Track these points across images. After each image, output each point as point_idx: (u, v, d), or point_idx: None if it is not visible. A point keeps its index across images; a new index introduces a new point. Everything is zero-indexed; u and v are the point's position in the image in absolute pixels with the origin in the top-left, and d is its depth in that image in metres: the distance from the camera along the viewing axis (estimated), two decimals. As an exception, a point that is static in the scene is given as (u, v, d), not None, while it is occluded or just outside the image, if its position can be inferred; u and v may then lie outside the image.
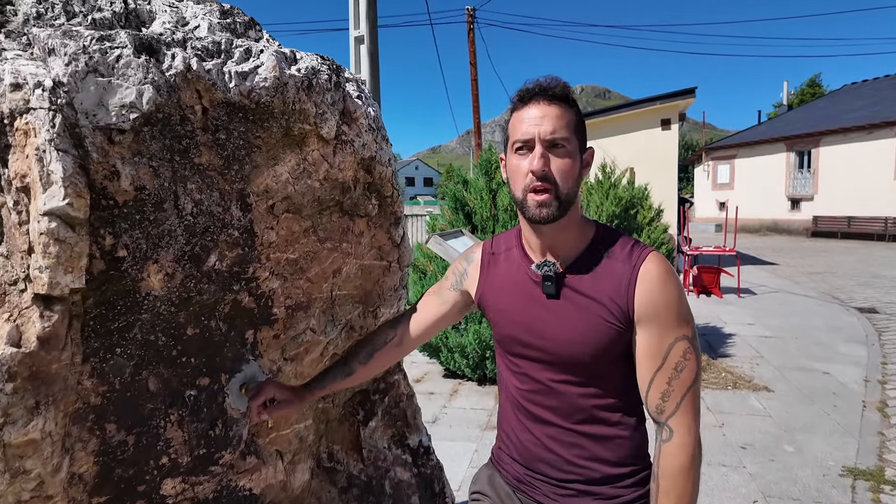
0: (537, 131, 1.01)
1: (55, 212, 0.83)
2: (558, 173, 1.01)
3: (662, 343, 1.00)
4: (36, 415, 0.86)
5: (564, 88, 1.03)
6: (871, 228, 18.33)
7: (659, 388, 1.00)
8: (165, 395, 1.08)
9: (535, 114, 1.02)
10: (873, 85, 23.32)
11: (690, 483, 0.98)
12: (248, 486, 1.27)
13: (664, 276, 1.01)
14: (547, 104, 1.02)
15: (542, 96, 1.03)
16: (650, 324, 1.00)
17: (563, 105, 1.03)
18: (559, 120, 1.01)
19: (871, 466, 3.16)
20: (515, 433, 1.17)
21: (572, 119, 1.03)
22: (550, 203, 1.01)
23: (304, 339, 1.35)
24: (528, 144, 1.02)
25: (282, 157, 1.15)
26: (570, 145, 1.02)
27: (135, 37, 0.95)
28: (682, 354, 1.00)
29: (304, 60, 1.16)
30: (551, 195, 1.01)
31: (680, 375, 0.99)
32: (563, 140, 1.01)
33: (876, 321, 6.81)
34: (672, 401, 0.99)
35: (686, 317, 1.01)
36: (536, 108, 1.02)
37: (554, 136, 1.00)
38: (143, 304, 1.01)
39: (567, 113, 1.02)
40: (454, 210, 4.96)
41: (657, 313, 1.00)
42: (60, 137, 0.85)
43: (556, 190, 1.01)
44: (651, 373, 1.01)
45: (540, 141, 1.01)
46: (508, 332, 1.14)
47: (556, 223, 1.04)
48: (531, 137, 1.01)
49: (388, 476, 1.65)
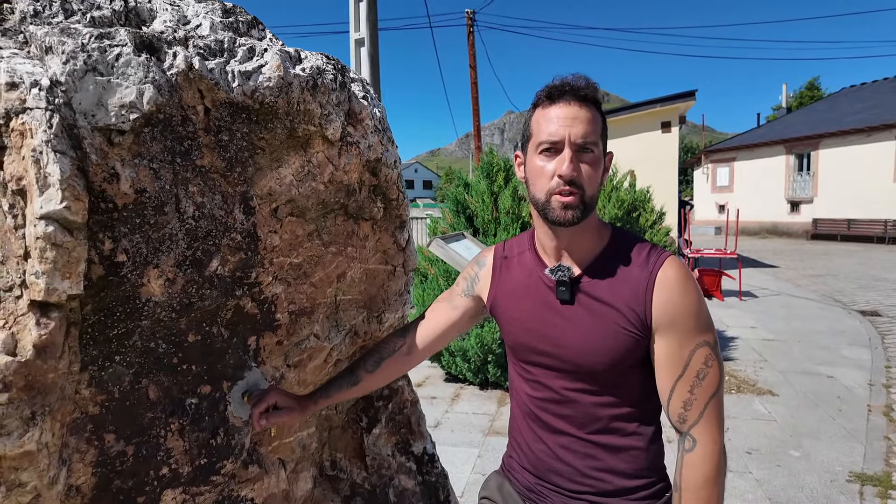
0: (568, 133, 0.96)
1: (52, 215, 0.80)
2: (586, 178, 0.97)
3: (683, 350, 0.96)
4: (32, 426, 0.83)
5: (595, 89, 0.99)
6: (871, 231, 18.34)
7: (681, 396, 0.97)
8: (166, 404, 1.05)
9: (566, 114, 0.97)
10: (872, 88, 23.36)
11: (716, 495, 0.95)
12: (249, 496, 1.24)
13: (683, 282, 0.98)
14: (578, 106, 0.97)
15: (573, 96, 0.98)
16: (670, 331, 0.97)
17: (593, 107, 0.99)
18: (590, 124, 0.97)
19: (878, 472, 3.13)
20: (527, 443, 1.14)
21: (601, 123, 1.00)
22: (577, 206, 0.97)
23: (308, 346, 1.32)
24: (557, 146, 0.97)
25: (286, 159, 1.13)
26: (597, 150, 0.99)
27: (135, 35, 0.92)
28: (703, 361, 0.96)
29: (309, 60, 1.13)
30: (577, 198, 0.97)
31: (702, 383, 0.96)
32: (592, 145, 0.97)
33: (878, 324, 6.78)
34: (695, 410, 0.96)
35: (707, 323, 0.98)
36: (567, 108, 0.97)
37: (585, 140, 0.96)
38: (143, 310, 0.98)
39: (597, 116, 0.99)
40: (455, 213, 4.94)
41: (677, 320, 0.96)
42: (58, 138, 0.82)
43: (582, 195, 0.98)
44: (672, 381, 0.98)
45: (570, 144, 0.96)
46: (521, 339, 1.11)
47: (576, 226, 1.01)
48: (560, 139, 0.97)
49: (392, 484, 1.62)
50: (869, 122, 18.99)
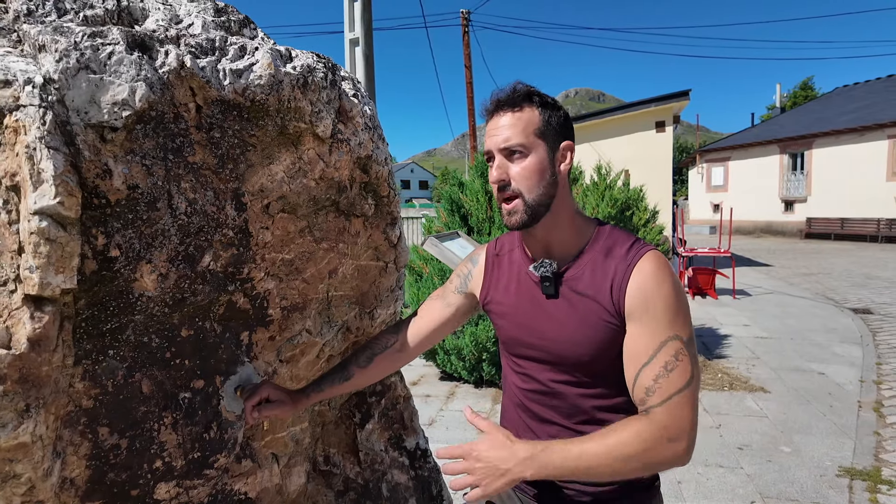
0: (492, 143, 1.03)
1: (46, 211, 0.82)
2: (519, 179, 1.01)
3: (653, 340, 0.95)
4: (26, 418, 0.84)
5: (521, 93, 1.03)
6: (864, 230, 18.45)
7: (643, 384, 0.94)
8: (159, 398, 1.07)
9: (491, 127, 1.04)
10: (864, 87, 23.50)
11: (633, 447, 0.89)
12: (243, 490, 1.25)
13: (658, 273, 0.97)
14: (501, 114, 1.03)
15: (498, 108, 1.04)
16: (640, 320, 0.96)
17: (521, 109, 1.02)
18: (512, 127, 1.01)
19: (867, 466, 3.16)
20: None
21: (531, 121, 1.01)
22: (518, 210, 1.02)
23: (300, 341, 1.33)
24: (490, 156, 1.05)
25: (277, 155, 1.14)
26: (528, 148, 1.01)
27: (127, 33, 0.94)
28: (673, 354, 0.93)
29: (300, 58, 1.14)
30: (518, 201, 1.02)
31: (669, 375, 0.92)
32: (518, 146, 1.00)
33: (870, 322, 6.84)
34: (657, 397, 0.92)
35: (682, 319, 0.96)
36: (493, 121, 1.04)
37: (508, 143, 1.01)
38: (137, 305, 0.99)
39: (523, 116, 1.01)
40: (450, 212, 4.95)
41: (647, 309, 0.96)
42: (51, 135, 0.83)
43: (522, 196, 1.01)
44: (637, 368, 0.95)
45: (498, 151, 1.02)
46: (512, 334, 1.13)
47: (549, 222, 1.04)
48: (489, 151, 1.04)
49: (385, 479, 1.64)
50: (862, 121, 19.11)
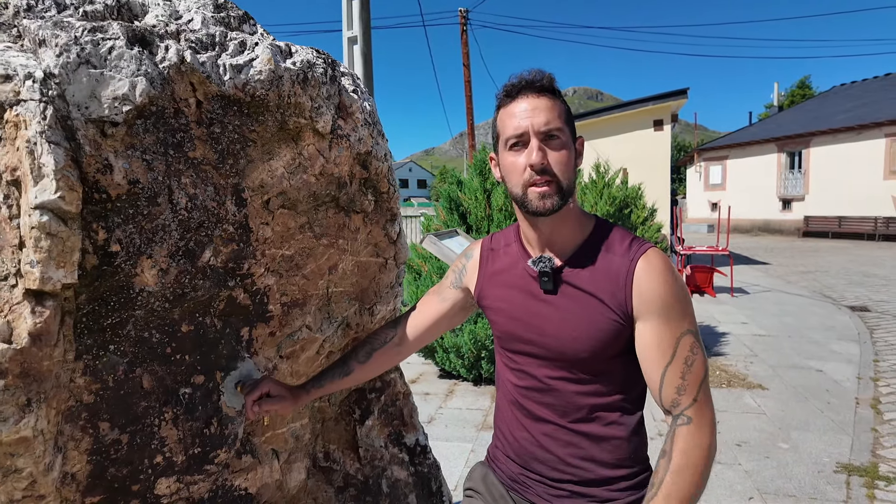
0: (530, 123, 0.99)
1: (47, 205, 0.82)
2: (557, 164, 0.99)
3: (671, 337, 0.97)
4: (27, 412, 0.84)
5: (550, 80, 1.02)
6: (861, 228, 18.50)
7: (672, 383, 0.97)
8: (160, 394, 1.07)
9: (525, 107, 1.00)
10: (862, 86, 23.56)
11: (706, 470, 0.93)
12: (243, 486, 1.25)
13: (664, 271, 0.99)
14: (536, 96, 1.00)
15: (530, 89, 1.01)
16: (654, 318, 0.98)
17: (552, 96, 1.01)
18: (551, 111, 0.99)
19: (864, 462, 3.18)
20: (511, 431, 1.16)
21: (562, 109, 1.02)
22: (553, 194, 1.00)
23: (300, 337, 1.34)
24: (523, 139, 1.00)
25: (277, 151, 1.14)
26: (563, 136, 1.01)
27: (127, 28, 0.94)
28: (689, 349, 0.98)
29: (300, 54, 1.15)
30: (552, 186, 0.99)
31: (692, 370, 0.97)
32: (557, 131, 1.00)
33: (867, 319, 6.86)
34: (688, 395, 0.97)
35: (690, 311, 1.00)
36: (525, 101, 1.01)
37: (549, 126, 0.99)
38: (137, 300, 1.00)
39: (557, 103, 1.01)
40: (449, 210, 4.96)
41: (661, 308, 0.98)
42: (52, 130, 0.83)
43: (557, 182, 1.00)
44: (661, 368, 0.98)
45: (535, 133, 0.99)
46: (507, 329, 1.12)
47: (556, 215, 1.03)
48: (524, 131, 0.99)
49: (384, 475, 1.64)
50: (859, 120, 19.15)
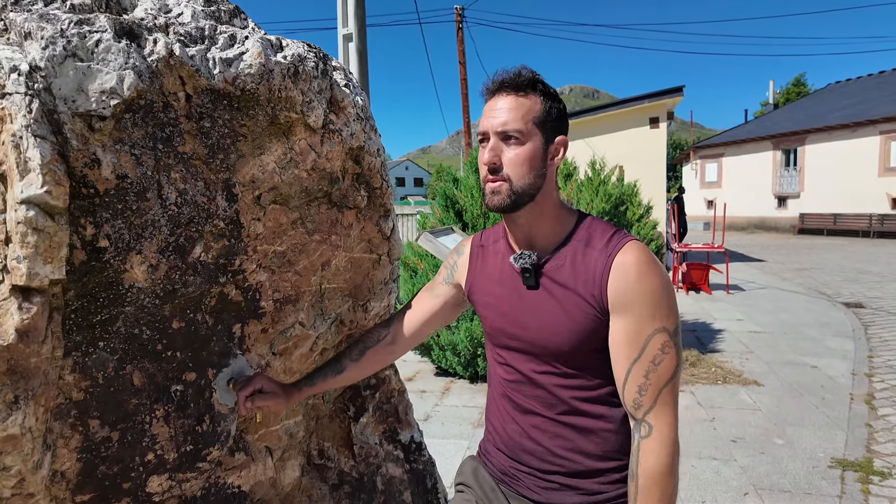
0: (490, 124, 1.02)
1: (33, 200, 0.81)
2: (509, 164, 1.01)
3: (640, 335, 0.96)
4: (15, 409, 0.83)
5: (527, 78, 1.02)
6: (856, 225, 18.58)
7: (636, 381, 0.97)
8: (150, 391, 1.06)
9: (491, 106, 1.03)
10: (857, 84, 23.65)
11: (672, 482, 0.95)
12: (236, 484, 1.25)
13: (641, 266, 0.98)
14: (505, 95, 1.02)
15: (500, 89, 1.03)
16: (626, 314, 0.97)
17: (524, 95, 1.01)
18: (514, 111, 1.00)
19: (859, 458, 3.19)
20: (502, 424, 1.17)
21: (533, 109, 1.01)
22: (502, 191, 1.01)
23: (293, 334, 1.33)
24: (485, 137, 1.04)
25: (268, 146, 1.13)
26: (525, 136, 1.00)
27: (115, 21, 0.93)
28: (660, 347, 0.96)
29: (291, 48, 1.14)
30: (504, 185, 1.01)
31: (657, 369, 0.96)
32: (515, 132, 1.00)
33: (862, 316, 6.89)
34: (649, 395, 0.96)
35: (667, 309, 0.97)
36: (494, 100, 1.03)
37: (505, 127, 1.00)
38: (127, 296, 0.99)
39: (527, 103, 1.01)
40: (445, 208, 4.95)
41: (633, 303, 0.97)
42: (38, 123, 0.82)
43: (510, 181, 1.01)
44: (627, 364, 0.98)
45: (493, 133, 1.02)
46: (496, 324, 1.14)
47: (531, 212, 1.04)
48: (486, 130, 1.03)
49: (379, 472, 1.63)
50: (854, 117, 19.23)
